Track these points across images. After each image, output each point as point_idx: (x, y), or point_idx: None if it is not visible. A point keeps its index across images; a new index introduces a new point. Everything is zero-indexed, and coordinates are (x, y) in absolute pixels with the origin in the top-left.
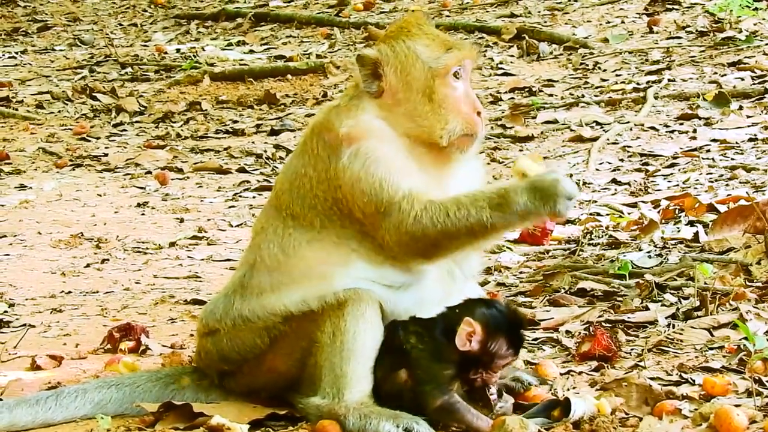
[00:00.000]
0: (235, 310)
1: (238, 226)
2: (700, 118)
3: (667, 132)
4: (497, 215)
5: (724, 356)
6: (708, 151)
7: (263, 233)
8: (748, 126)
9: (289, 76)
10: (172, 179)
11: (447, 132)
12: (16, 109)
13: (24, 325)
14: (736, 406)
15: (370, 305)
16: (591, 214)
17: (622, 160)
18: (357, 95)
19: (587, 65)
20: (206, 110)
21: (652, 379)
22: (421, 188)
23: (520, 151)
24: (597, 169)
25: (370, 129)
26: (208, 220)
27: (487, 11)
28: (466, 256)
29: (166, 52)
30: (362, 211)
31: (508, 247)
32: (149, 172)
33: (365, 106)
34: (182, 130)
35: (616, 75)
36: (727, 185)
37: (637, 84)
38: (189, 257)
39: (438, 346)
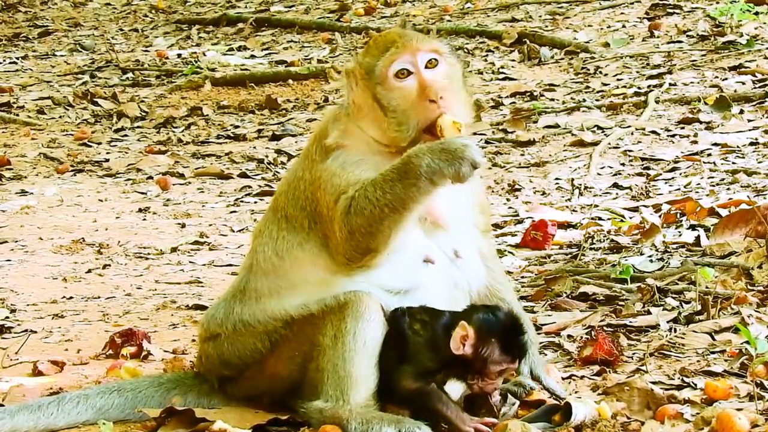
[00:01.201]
0: (235, 314)
1: (239, 231)
2: (701, 122)
3: (668, 136)
4: (407, 183)
5: (725, 360)
6: (709, 155)
7: (260, 236)
8: (750, 130)
9: (290, 81)
10: (173, 184)
11: (402, 133)
12: (17, 115)
13: (25, 330)
14: (738, 410)
15: (370, 306)
16: (592, 218)
17: (623, 164)
18: (346, 104)
19: (588, 69)
20: (207, 115)
21: (653, 383)
22: None
23: (522, 155)
24: (598, 174)
25: (356, 137)
26: (210, 225)
27: (488, 16)
28: (473, 263)
29: (167, 57)
30: (327, 206)
31: (510, 252)
32: (150, 178)
33: (351, 115)
34: (183, 135)
35: (618, 79)
36: (728, 189)
37: (639, 88)
38: (190, 262)
39: (436, 339)
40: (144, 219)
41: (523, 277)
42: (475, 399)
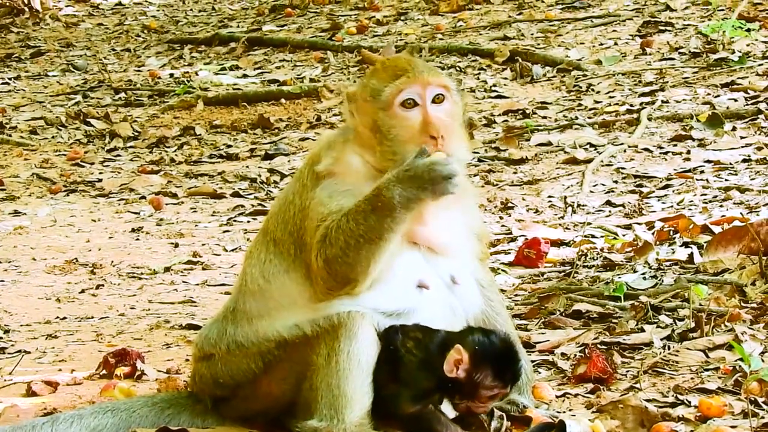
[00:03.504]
0: (228, 335)
1: (232, 250)
2: (693, 140)
3: (660, 153)
4: (381, 215)
5: (719, 377)
6: (702, 172)
7: (250, 258)
8: (742, 147)
9: (282, 100)
10: (166, 204)
11: (396, 162)
12: (10, 135)
13: (19, 351)
14: (733, 427)
15: (364, 325)
16: (585, 236)
17: (616, 181)
18: (345, 129)
19: (581, 87)
20: (200, 135)
21: (648, 400)
22: None
23: (514, 173)
24: (591, 191)
25: (348, 165)
26: (203, 244)
27: (480, 34)
28: (470, 289)
29: (159, 77)
30: (310, 235)
31: (503, 270)
32: (143, 197)
33: (349, 141)
34: (176, 154)
35: (610, 97)
36: (721, 206)
37: (631, 105)
38: (184, 282)
39: (430, 358)
40: (137, 239)
41: (516, 295)
42: (464, 416)
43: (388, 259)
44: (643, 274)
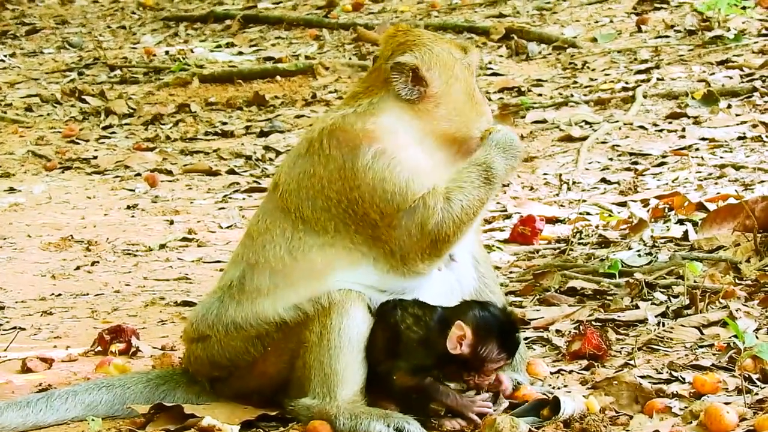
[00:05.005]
0: (228, 316)
1: (227, 227)
2: (688, 117)
3: (656, 131)
4: (489, 189)
5: (714, 354)
6: (697, 149)
7: (267, 234)
8: (737, 124)
9: (278, 78)
10: (161, 181)
11: (480, 125)
12: (5, 113)
13: (14, 327)
14: (726, 403)
15: (356, 303)
16: (581, 213)
17: (611, 159)
18: (379, 100)
19: (576, 65)
20: (195, 112)
21: (642, 377)
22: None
23: None
24: (586, 169)
25: (393, 130)
26: (198, 221)
27: (476, 11)
28: (466, 266)
29: (154, 55)
30: (380, 212)
31: (498, 247)
32: (139, 175)
33: (388, 108)
34: (171, 132)
35: (605, 74)
36: (716, 184)
37: (626, 83)
38: (179, 259)
39: (430, 335)
40: (132, 216)
41: (511, 272)
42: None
43: None
44: (638, 251)
